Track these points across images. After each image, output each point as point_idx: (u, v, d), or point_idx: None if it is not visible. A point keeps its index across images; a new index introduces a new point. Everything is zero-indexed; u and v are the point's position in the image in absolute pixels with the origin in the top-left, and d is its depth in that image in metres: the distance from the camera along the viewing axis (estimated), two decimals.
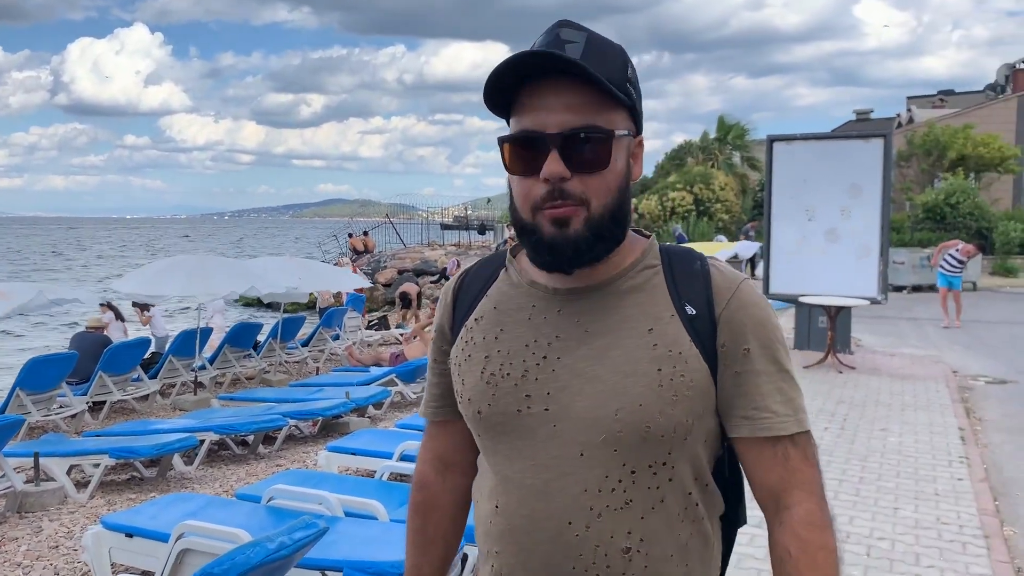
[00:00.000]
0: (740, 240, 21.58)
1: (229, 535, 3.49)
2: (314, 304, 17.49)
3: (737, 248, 19.12)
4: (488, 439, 1.23)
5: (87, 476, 6.06)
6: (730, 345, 1.16)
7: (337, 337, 13.04)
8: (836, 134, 14.85)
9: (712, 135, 31.64)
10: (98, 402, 8.69)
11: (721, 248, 17.69)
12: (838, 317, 9.49)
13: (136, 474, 6.34)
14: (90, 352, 8.69)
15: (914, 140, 26.58)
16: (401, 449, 5.33)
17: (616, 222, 1.14)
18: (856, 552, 4.22)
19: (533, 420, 1.16)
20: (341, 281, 12.97)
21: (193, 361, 9.88)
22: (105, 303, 10.92)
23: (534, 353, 1.18)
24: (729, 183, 28.34)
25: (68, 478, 5.85)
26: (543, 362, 1.17)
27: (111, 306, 10.89)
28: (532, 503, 1.15)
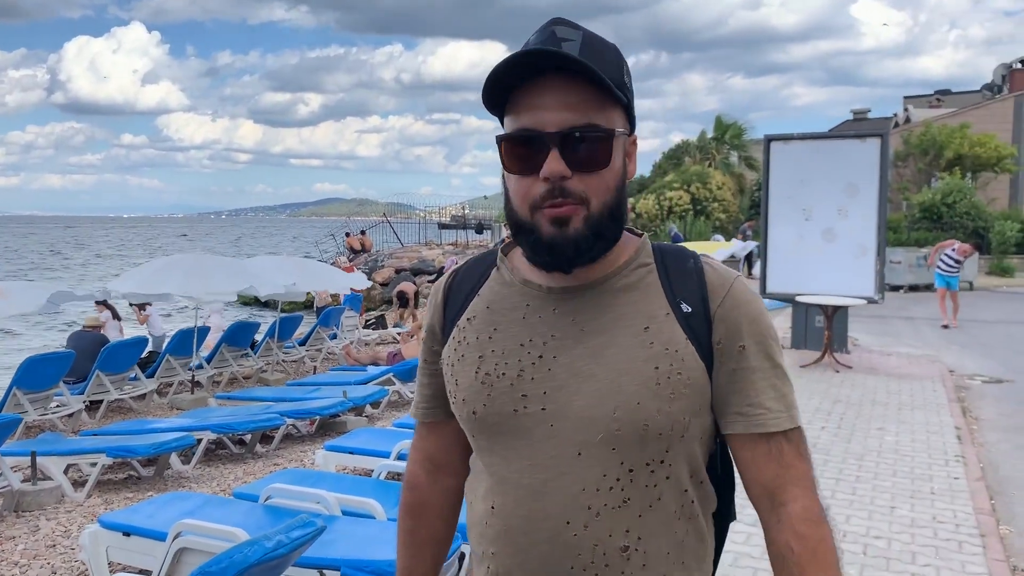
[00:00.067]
0: (737, 239, 21.62)
1: (226, 534, 3.48)
2: (311, 303, 17.48)
3: (734, 248, 19.15)
4: (483, 440, 1.22)
5: (84, 475, 6.05)
6: (726, 342, 1.17)
7: (334, 336, 13.04)
8: (833, 134, 14.86)
9: (710, 135, 31.66)
10: (95, 401, 8.69)
11: (719, 248, 17.72)
12: (835, 316, 9.50)
13: (133, 473, 6.34)
14: (87, 351, 8.69)
15: (911, 140, 26.62)
16: (398, 448, 5.33)
17: (615, 221, 1.14)
18: (853, 551, 4.23)
19: (530, 420, 1.15)
20: (338, 280, 12.98)
21: (190, 360, 9.88)
22: (101, 302, 10.90)
23: (529, 352, 1.17)
24: (726, 183, 28.36)
25: (65, 477, 5.84)
26: (539, 361, 1.16)
27: (107, 305, 10.87)
28: (529, 503, 1.15)
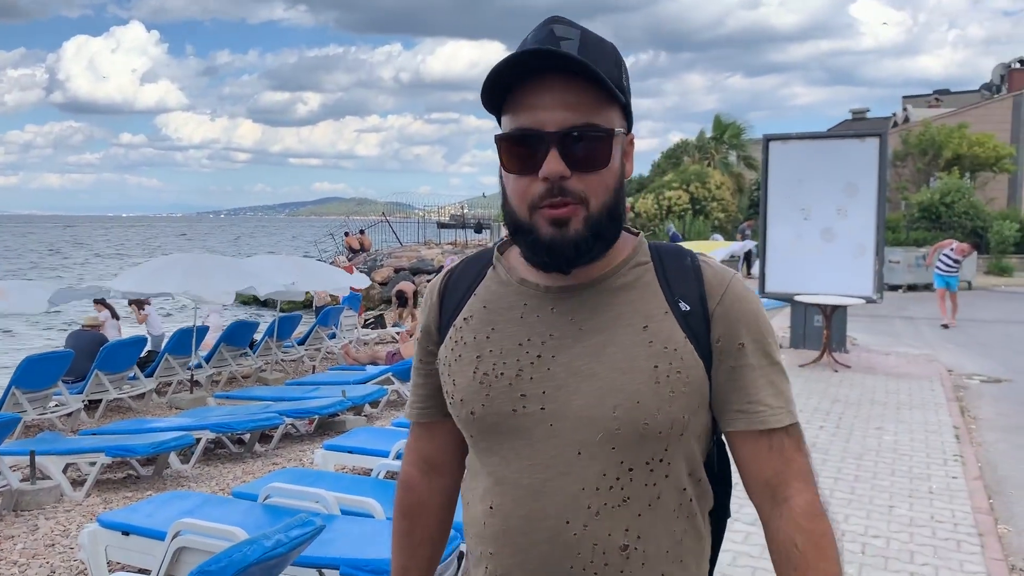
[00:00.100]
0: (736, 239, 21.63)
1: (225, 533, 3.49)
2: (310, 303, 17.47)
3: (733, 247, 19.16)
4: (481, 440, 1.21)
5: (83, 474, 6.05)
6: (725, 340, 1.17)
7: (333, 336, 13.03)
8: (832, 133, 14.87)
9: (708, 134, 31.66)
10: (94, 400, 8.68)
11: (718, 247, 17.72)
12: (834, 316, 9.51)
13: (132, 472, 6.34)
14: (86, 350, 8.68)
15: (909, 139, 26.63)
16: (397, 447, 5.34)
17: (613, 220, 1.14)
18: (851, 550, 4.23)
19: (529, 420, 1.15)
20: (338, 280, 12.98)
21: (189, 359, 9.89)
22: (100, 301, 10.88)
23: (528, 352, 1.17)
24: (725, 182, 28.38)
25: (64, 476, 5.84)
26: (537, 361, 1.16)
27: (106, 304, 10.85)
28: (529, 503, 1.14)
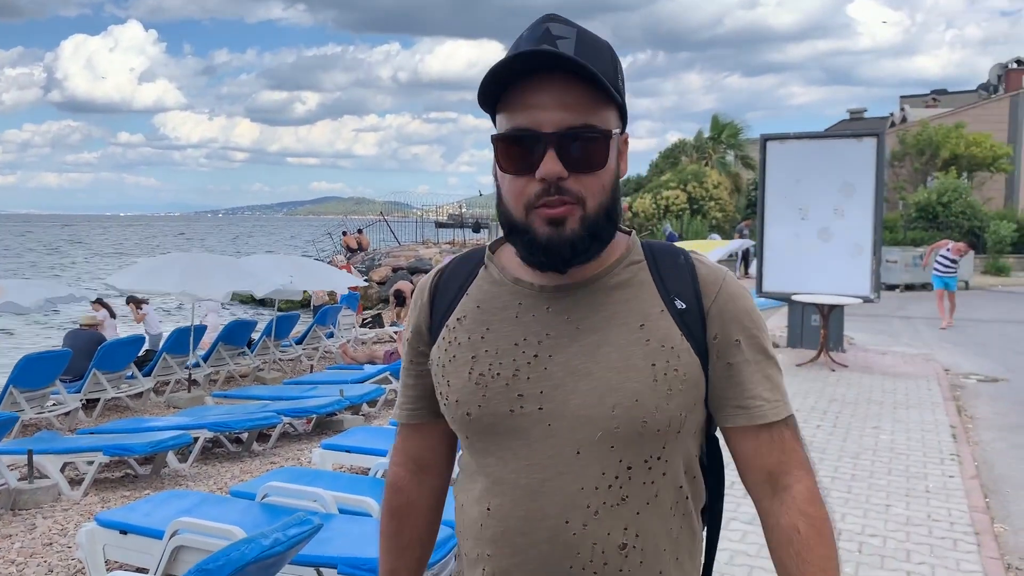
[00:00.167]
0: (734, 238, 21.64)
1: (223, 532, 3.49)
2: (308, 302, 17.47)
3: (731, 246, 19.15)
4: (478, 441, 1.20)
5: (81, 473, 6.05)
6: (722, 337, 1.18)
7: (331, 335, 13.03)
8: (829, 133, 14.89)
9: (706, 134, 31.67)
10: (92, 399, 8.68)
11: (715, 246, 17.72)
12: (831, 315, 9.52)
13: (130, 471, 6.34)
14: (84, 350, 8.68)
15: (906, 139, 26.66)
16: None
17: (610, 221, 1.14)
18: (848, 549, 4.24)
19: (526, 420, 1.14)
20: (335, 279, 12.98)
21: (187, 359, 9.89)
22: (97, 300, 10.87)
23: (524, 352, 1.16)
24: (723, 182, 28.38)
25: (62, 475, 5.84)
26: (534, 360, 1.15)
27: (103, 303, 10.84)
28: (527, 504, 1.14)
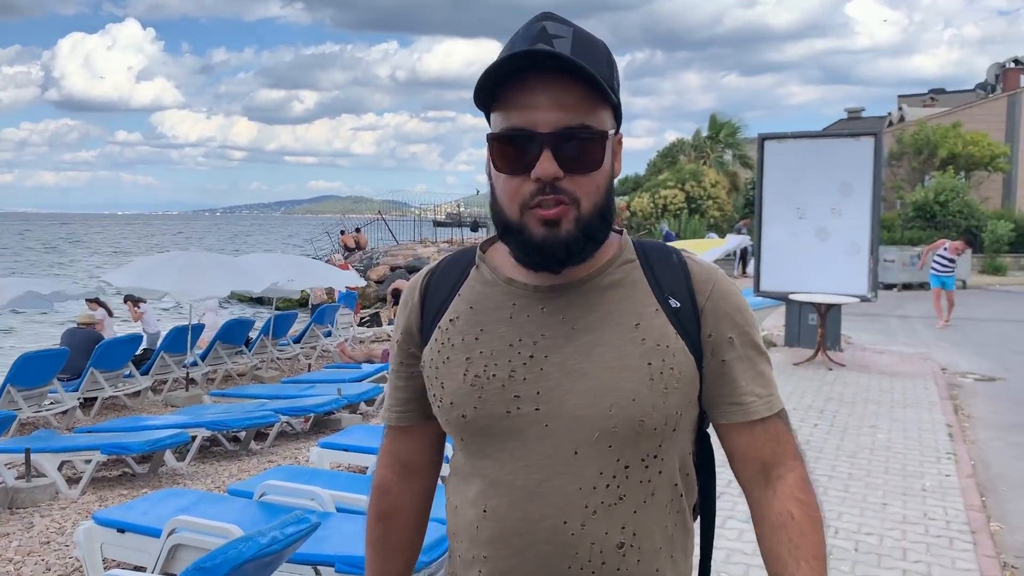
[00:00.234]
0: (731, 236, 21.64)
1: (221, 530, 3.50)
2: (306, 301, 17.47)
3: (728, 244, 19.15)
4: (474, 443, 1.19)
5: (78, 472, 6.05)
6: (716, 335, 1.18)
7: (329, 334, 13.04)
8: (827, 132, 14.90)
9: (704, 133, 31.68)
10: (89, 398, 8.68)
11: (713, 246, 17.72)
12: (828, 315, 9.53)
13: (128, 470, 6.33)
14: (81, 348, 8.68)
15: (904, 139, 26.67)
16: None
17: (604, 221, 1.14)
18: (844, 547, 4.25)
19: (523, 421, 1.14)
20: (333, 278, 12.99)
21: (185, 357, 9.88)
22: (93, 299, 10.84)
23: (520, 352, 1.15)
24: (721, 181, 28.40)
25: (59, 474, 5.83)
26: (530, 361, 1.15)
27: (100, 302, 10.82)
28: (525, 505, 1.13)
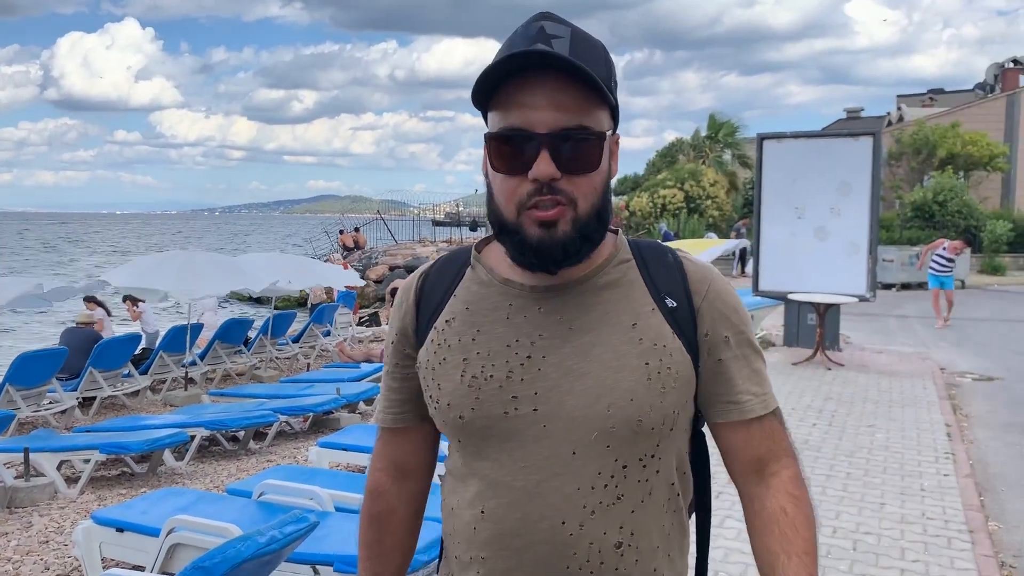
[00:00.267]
0: (731, 237, 21.67)
1: (220, 529, 3.50)
2: (305, 300, 17.47)
3: (727, 244, 19.16)
4: (471, 444, 1.18)
5: (77, 472, 6.04)
6: (712, 334, 1.19)
7: (328, 333, 13.04)
8: (826, 132, 14.90)
9: (703, 133, 31.70)
10: (88, 398, 8.67)
11: (711, 245, 17.72)
12: (827, 314, 9.54)
13: (127, 470, 6.33)
14: (80, 348, 8.67)
15: (903, 139, 26.68)
16: None
17: (601, 222, 1.14)
18: (842, 546, 4.26)
19: (521, 421, 1.14)
20: (331, 276, 12.99)
21: (184, 357, 9.88)
22: (91, 299, 10.79)
23: (517, 353, 1.15)
24: (719, 180, 28.41)
25: (58, 473, 5.83)
26: (527, 362, 1.15)
27: (97, 301, 10.78)
28: (524, 505, 1.13)
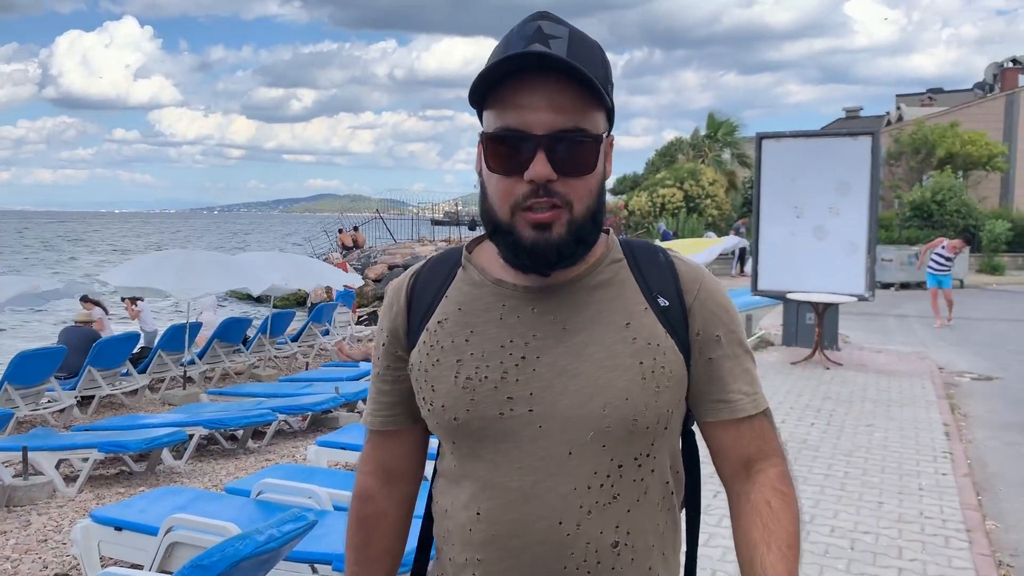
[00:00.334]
0: (729, 235, 21.66)
1: (218, 528, 3.50)
2: (304, 299, 17.46)
3: (725, 244, 19.17)
4: (466, 446, 1.18)
5: (76, 470, 6.05)
6: (704, 333, 1.19)
7: (327, 332, 13.04)
8: (825, 132, 14.90)
9: (703, 132, 31.72)
10: (87, 396, 8.67)
11: (710, 244, 17.72)
12: (826, 314, 9.55)
13: (125, 468, 6.33)
14: (79, 346, 8.67)
15: (902, 138, 26.67)
16: None
17: (595, 224, 1.14)
18: (840, 546, 4.26)
19: (516, 422, 1.13)
20: (330, 275, 12.99)
21: (182, 356, 9.88)
22: (87, 298, 10.76)
23: (511, 354, 1.15)
24: (719, 180, 28.41)
25: (57, 472, 5.83)
26: (522, 362, 1.14)
27: (94, 301, 10.76)
28: (520, 506, 1.13)
